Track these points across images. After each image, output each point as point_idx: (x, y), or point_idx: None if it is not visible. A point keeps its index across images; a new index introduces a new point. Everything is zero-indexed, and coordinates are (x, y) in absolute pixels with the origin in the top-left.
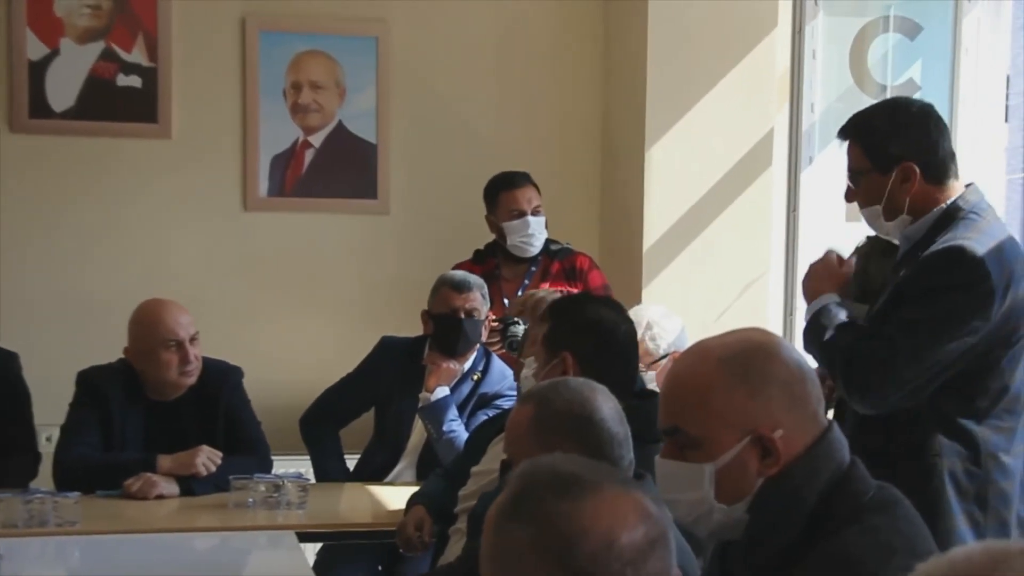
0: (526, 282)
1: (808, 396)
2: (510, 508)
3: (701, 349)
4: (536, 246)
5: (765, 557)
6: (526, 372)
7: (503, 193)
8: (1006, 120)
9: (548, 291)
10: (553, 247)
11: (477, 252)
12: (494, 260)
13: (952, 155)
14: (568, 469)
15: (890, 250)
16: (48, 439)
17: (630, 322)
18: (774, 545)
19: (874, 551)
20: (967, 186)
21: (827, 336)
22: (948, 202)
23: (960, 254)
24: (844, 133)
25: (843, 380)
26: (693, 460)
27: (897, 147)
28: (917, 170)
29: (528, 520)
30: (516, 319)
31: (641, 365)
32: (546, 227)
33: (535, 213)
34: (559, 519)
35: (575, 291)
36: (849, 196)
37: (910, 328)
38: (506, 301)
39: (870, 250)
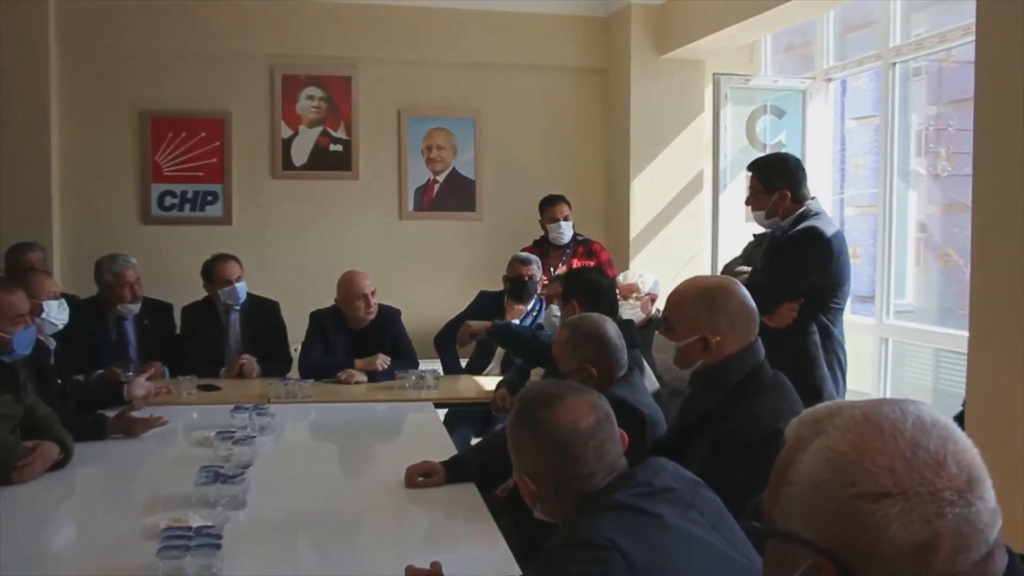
0: (563, 258)
1: (745, 321)
2: (515, 417)
3: (694, 281)
4: (566, 239)
5: (698, 412)
6: (555, 310)
7: (547, 208)
8: (841, 160)
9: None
10: (579, 238)
11: (535, 241)
12: (545, 246)
13: (806, 185)
14: (545, 390)
15: (759, 243)
16: (295, 349)
17: (610, 279)
18: (704, 405)
19: (769, 411)
20: (812, 199)
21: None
22: (802, 209)
23: (815, 231)
24: (751, 168)
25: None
26: (670, 338)
27: (779, 181)
28: (788, 193)
29: (525, 424)
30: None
31: (632, 299)
32: (573, 227)
33: (565, 219)
34: (542, 422)
35: (592, 264)
36: (748, 202)
37: (782, 274)
38: (552, 270)
39: (752, 248)
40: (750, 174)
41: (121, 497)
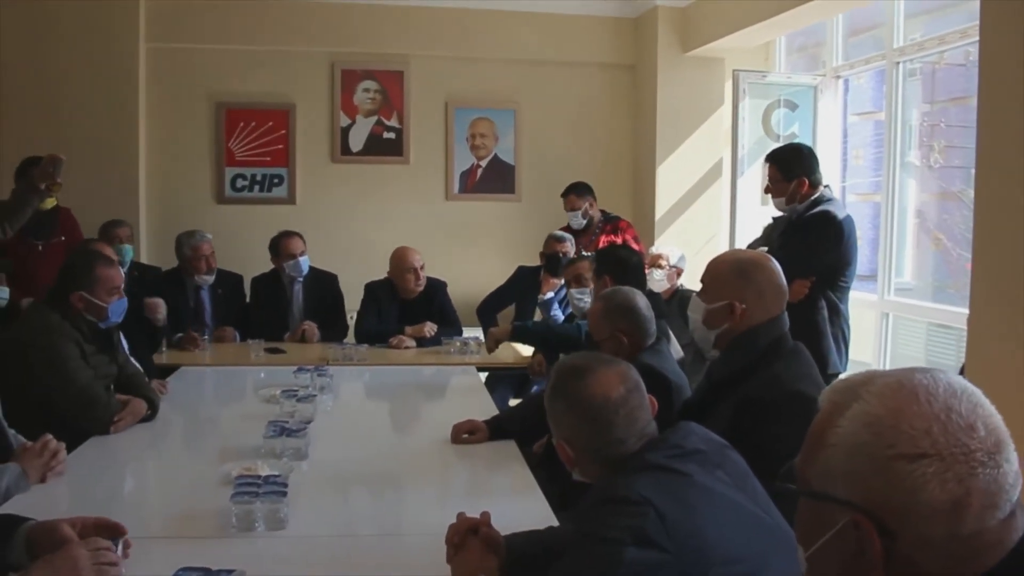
0: (592, 237)
1: (773, 295)
2: (551, 390)
3: (733, 252)
4: (578, 226)
5: (725, 374)
6: (575, 293)
7: (566, 197)
8: (844, 152)
9: (591, 256)
10: (609, 216)
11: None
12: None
13: (819, 171)
14: (577, 363)
15: (775, 226)
16: (351, 317)
17: (639, 256)
18: (730, 368)
19: (788, 375)
20: (825, 186)
21: None
22: (816, 195)
23: (828, 215)
24: (769, 159)
25: None
26: (703, 300)
27: (797, 169)
28: (806, 180)
29: (560, 396)
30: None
31: (660, 270)
32: (587, 213)
33: (573, 210)
34: (575, 393)
35: (619, 240)
36: (767, 191)
37: (797, 253)
38: (582, 249)
39: (771, 230)
40: (768, 165)
41: (198, 447)
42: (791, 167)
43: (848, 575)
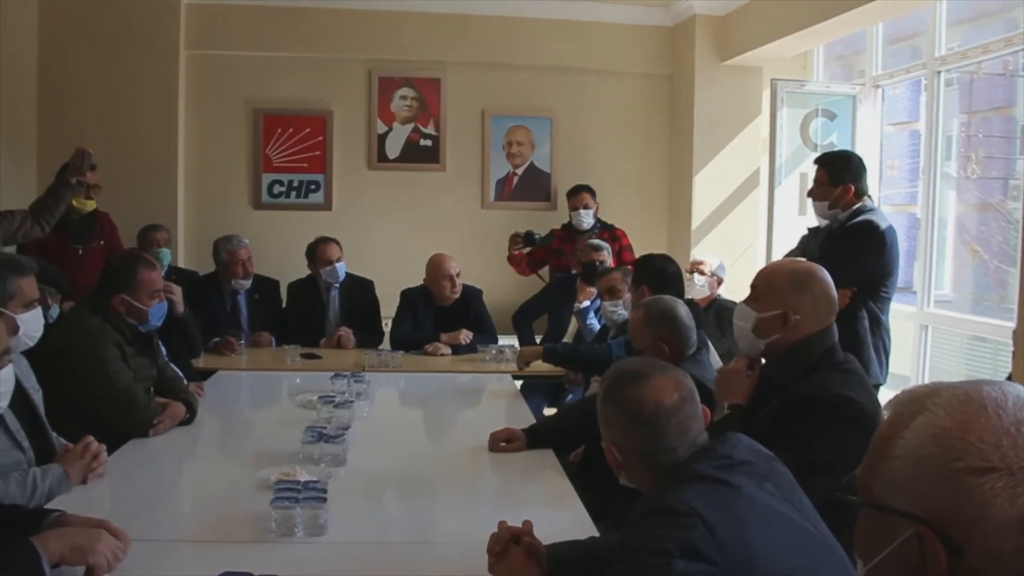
0: (591, 237)
1: (825, 307)
2: (604, 394)
3: (787, 261)
4: (586, 225)
5: (777, 381)
6: (607, 306)
7: (572, 196)
8: (880, 162)
9: (624, 268)
10: (603, 223)
11: (563, 225)
12: (571, 230)
13: (866, 181)
14: (633, 368)
15: (814, 236)
16: (387, 323)
17: (676, 265)
18: (783, 375)
19: (839, 381)
20: (867, 196)
21: None
22: (859, 204)
23: (870, 224)
24: (818, 162)
25: None
26: (753, 308)
27: (845, 175)
28: (852, 187)
29: (614, 401)
30: (534, 232)
31: (700, 276)
32: (594, 215)
33: (586, 208)
34: (629, 399)
35: (613, 245)
36: (811, 194)
37: (839, 262)
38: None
39: (807, 240)
40: (817, 168)
41: (237, 452)
42: (840, 172)
43: None
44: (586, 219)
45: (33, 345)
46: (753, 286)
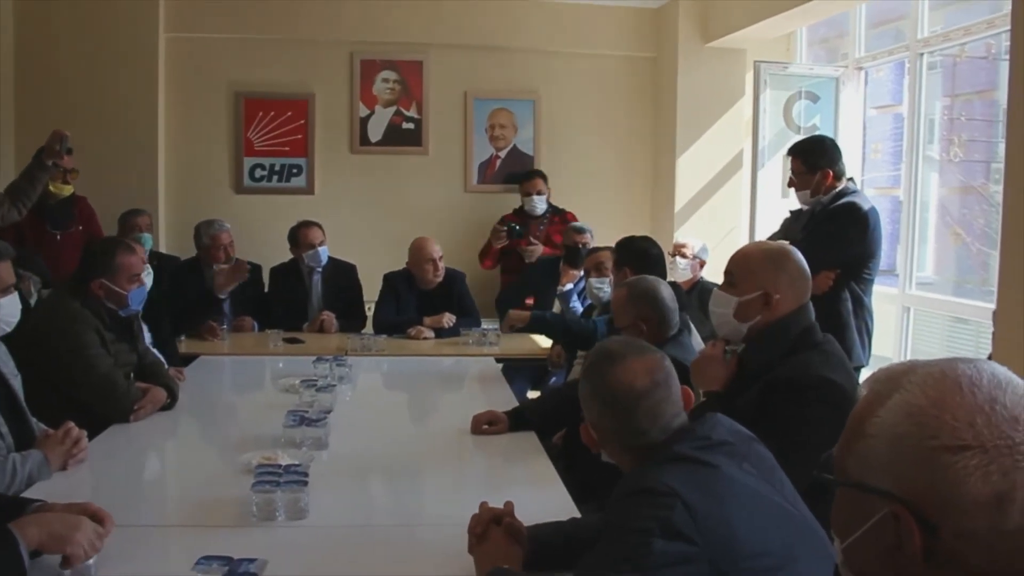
0: (541, 227)
1: (802, 283)
2: (584, 372)
3: (758, 243)
4: (539, 211)
5: (757, 366)
6: (594, 282)
7: (524, 182)
8: (863, 145)
9: (608, 247)
10: (555, 208)
11: (514, 210)
12: (523, 215)
13: (842, 162)
14: (611, 348)
15: (796, 218)
16: (369, 308)
17: (659, 247)
18: (763, 359)
19: (819, 362)
20: (849, 178)
21: None
22: (841, 187)
23: (853, 206)
24: (792, 152)
25: None
26: (731, 293)
27: (820, 160)
28: (830, 172)
29: (590, 378)
30: (515, 224)
31: (683, 259)
32: (547, 200)
33: (539, 193)
34: (603, 378)
35: (563, 227)
36: (791, 184)
37: (823, 244)
38: (530, 237)
39: (789, 224)
40: (791, 158)
41: (218, 436)
42: (815, 159)
43: (886, 568)
44: (539, 205)
45: (10, 331)
46: (727, 272)
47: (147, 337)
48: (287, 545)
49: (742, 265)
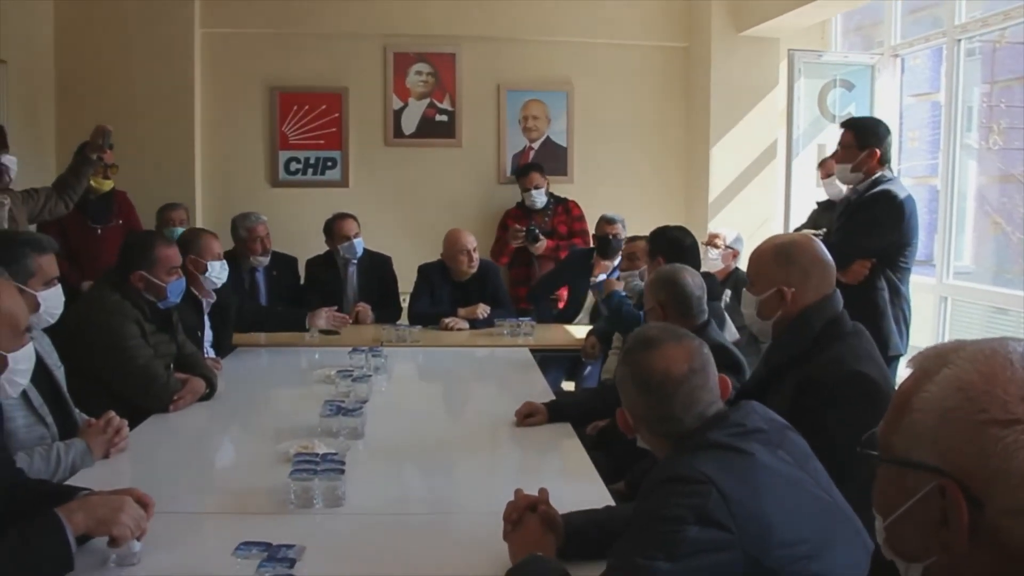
0: (546, 218)
1: (820, 273)
2: (622, 355)
3: (771, 240)
4: (539, 205)
5: (782, 360)
6: (625, 274)
7: (522, 177)
8: (900, 133)
9: (643, 237)
10: (559, 197)
11: (517, 204)
12: (526, 208)
13: (890, 151)
14: (649, 333)
15: (826, 208)
16: (404, 299)
17: (692, 236)
18: (788, 352)
19: (850, 355)
20: (888, 167)
21: None
22: (878, 174)
23: (889, 194)
24: (846, 124)
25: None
26: (752, 293)
27: (872, 139)
28: (877, 152)
29: (627, 363)
30: (535, 227)
31: (715, 249)
32: (546, 192)
33: (536, 188)
34: (639, 364)
35: (567, 217)
36: (835, 156)
37: (858, 232)
38: (537, 231)
39: (817, 215)
40: (843, 130)
41: (256, 426)
42: (867, 136)
43: (929, 545)
44: (539, 198)
45: (54, 322)
46: (747, 272)
47: (208, 336)
48: (324, 532)
49: (755, 264)
